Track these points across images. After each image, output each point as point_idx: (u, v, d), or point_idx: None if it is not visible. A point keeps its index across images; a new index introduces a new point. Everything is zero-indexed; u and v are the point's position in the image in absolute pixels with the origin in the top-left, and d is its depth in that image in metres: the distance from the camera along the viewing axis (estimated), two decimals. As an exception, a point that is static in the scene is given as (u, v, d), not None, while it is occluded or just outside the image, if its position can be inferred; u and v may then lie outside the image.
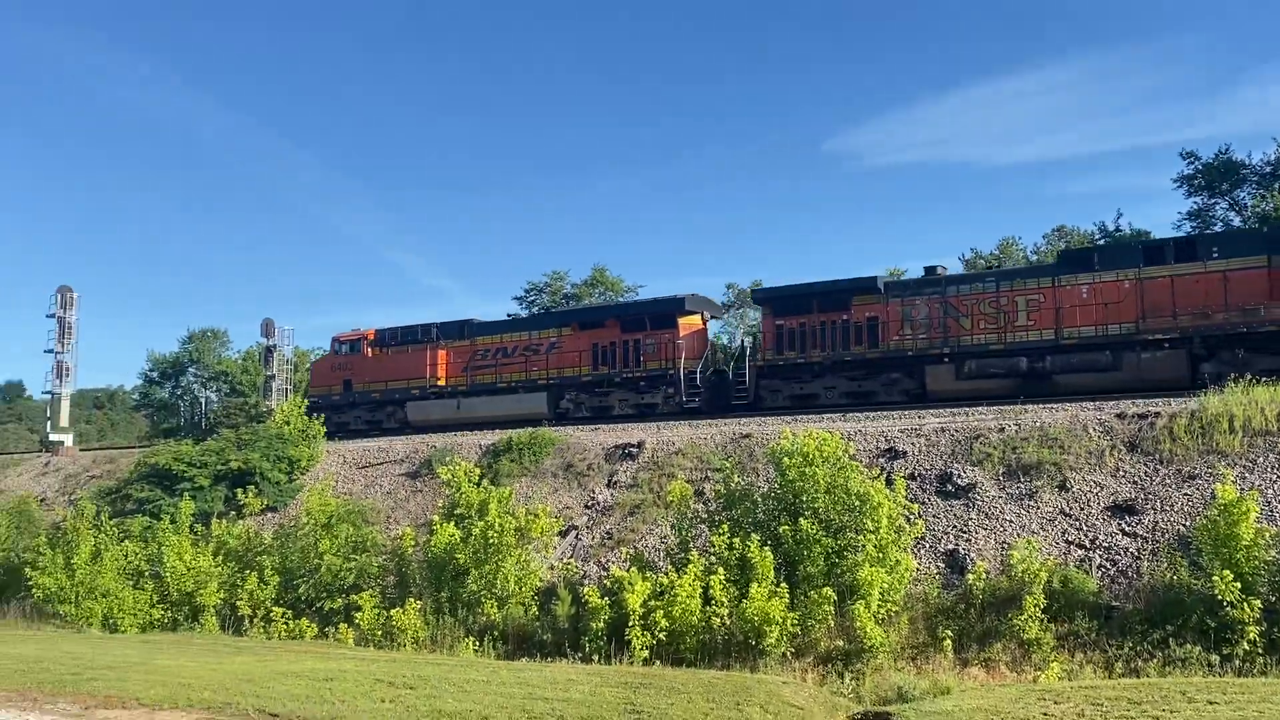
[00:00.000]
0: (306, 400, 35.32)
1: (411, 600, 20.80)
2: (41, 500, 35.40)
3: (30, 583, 25.24)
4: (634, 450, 26.01)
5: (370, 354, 38.39)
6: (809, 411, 27.03)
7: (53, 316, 45.84)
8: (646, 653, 17.37)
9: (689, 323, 32.36)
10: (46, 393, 46.88)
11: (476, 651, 19.20)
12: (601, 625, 18.15)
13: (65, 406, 44.46)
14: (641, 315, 33.15)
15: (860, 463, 19.65)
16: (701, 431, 26.29)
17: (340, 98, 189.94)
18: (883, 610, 17.20)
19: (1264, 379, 20.92)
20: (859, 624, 16.63)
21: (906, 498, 19.01)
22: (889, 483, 19.01)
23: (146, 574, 25.31)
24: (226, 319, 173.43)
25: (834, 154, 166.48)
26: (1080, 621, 16.68)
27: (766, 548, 17.78)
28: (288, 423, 32.39)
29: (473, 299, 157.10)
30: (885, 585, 17.15)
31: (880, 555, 17.45)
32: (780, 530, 18.18)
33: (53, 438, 43.82)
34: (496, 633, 19.99)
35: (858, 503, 17.92)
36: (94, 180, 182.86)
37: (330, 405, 37.68)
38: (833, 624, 17.33)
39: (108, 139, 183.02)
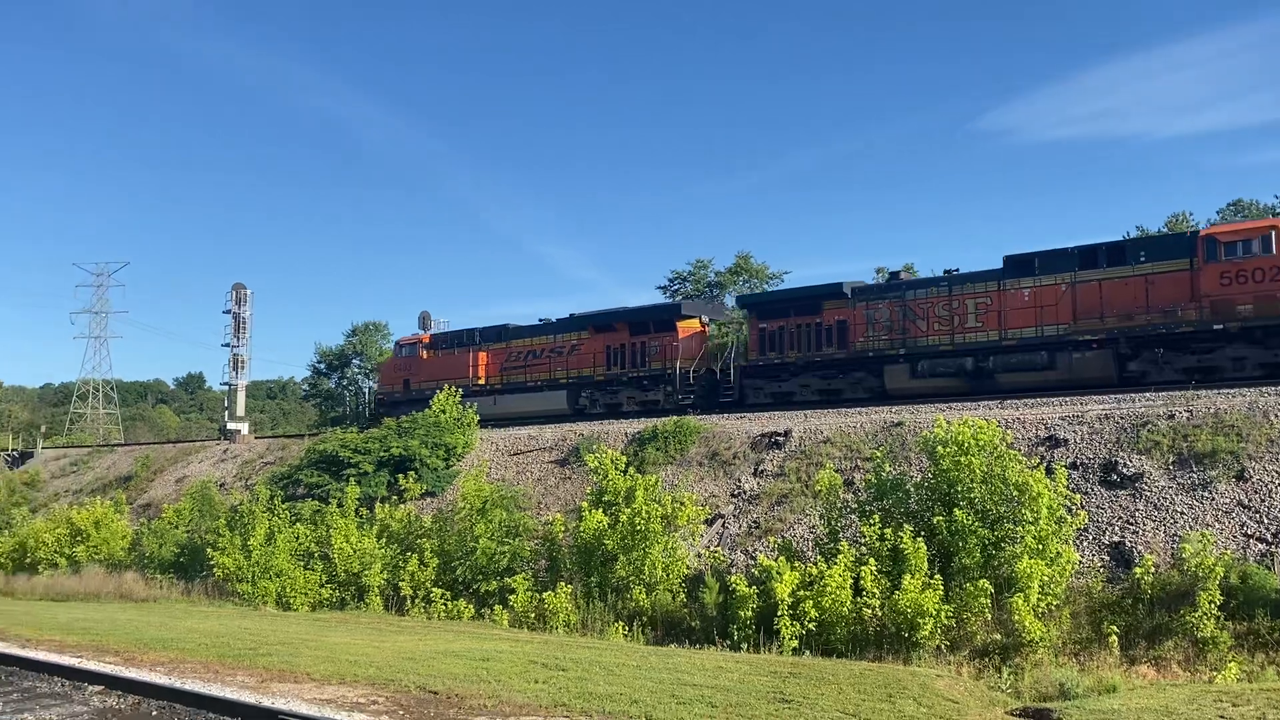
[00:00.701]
0: (376, 397, 38.34)
1: (562, 584, 21.25)
2: (221, 485, 37.74)
3: (211, 562, 26.94)
4: (780, 439, 25.81)
5: (425, 356, 41.69)
6: (936, 400, 27.26)
7: (229, 313, 48.79)
8: (795, 642, 17.24)
9: (687, 326, 34.72)
10: (224, 384, 49.99)
11: (626, 636, 19.45)
12: (749, 614, 18.12)
13: (241, 397, 47.24)
14: (646, 320, 35.41)
15: (1018, 451, 18.97)
16: (850, 420, 25.87)
17: (490, 96, 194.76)
18: (1043, 604, 16.60)
19: (1183, 376, 23.29)
20: (1017, 617, 16.10)
21: (1068, 487, 18.22)
22: (1049, 472, 18.29)
23: (316, 555, 26.64)
24: (387, 313, 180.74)
25: (985, 132, 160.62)
26: (1261, 620, 15.69)
27: (920, 538, 17.40)
28: (443, 411, 33.52)
29: (618, 289, 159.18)
30: (1045, 578, 16.53)
31: (1040, 547, 16.82)
32: (934, 521, 17.76)
33: (230, 426, 46.64)
34: (645, 618, 20.21)
35: (1016, 493, 17.33)
36: (267, 181, 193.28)
37: (392, 402, 41.35)
38: (989, 617, 16.82)
39: (279, 142, 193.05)
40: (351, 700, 11.18)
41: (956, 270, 29.26)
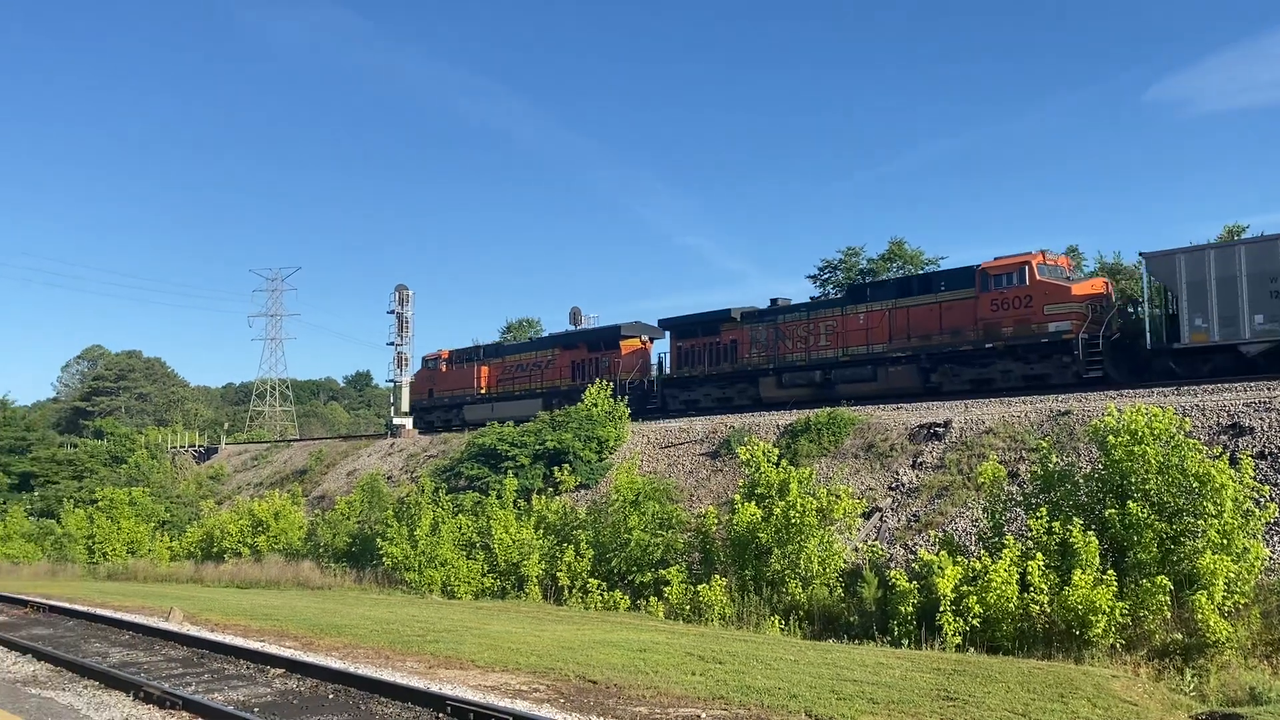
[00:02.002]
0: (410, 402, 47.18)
1: (717, 577, 21.24)
2: (388, 478, 39.37)
3: (381, 552, 28.11)
4: (940, 430, 25.09)
5: (444, 369, 48.10)
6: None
7: (392, 313, 50.77)
8: (959, 639, 16.74)
9: (629, 344, 40.53)
10: (389, 381, 52.05)
11: (783, 630, 19.29)
12: (910, 609, 17.69)
13: (405, 393, 49.06)
14: (598, 340, 41.90)
15: (1198, 440, 17.86)
16: (1014, 409, 24.91)
17: (638, 91, 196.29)
18: (1229, 602, 15.58)
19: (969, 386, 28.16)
20: (1200, 616, 15.18)
21: (1255, 478, 17.05)
22: (1233, 462, 17.16)
23: (477, 545, 27.46)
24: (540, 308, 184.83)
25: (1156, 104, 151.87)
26: None
27: (1090, 532, 16.63)
28: (595, 405, 34.02)
29: (768, 279, 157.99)
30: (1231, 575, 15.51)
31: (1225, 542, 15.81)
32: (1106, 514, 16.94)
33: (395, 421, 48.56)
34: (801, 612, 20.00)
35: (1196, 484, 16.33)
36: (425, 183, 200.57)
37: (421, 408, 48.76)
38: (1169, 615, 15.91)
39: (435, 144, 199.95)
40: (514, 687, 11.47)
41: (831, 292, 34.80)
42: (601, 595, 23.41)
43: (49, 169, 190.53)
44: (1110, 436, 17.42)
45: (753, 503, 21.63)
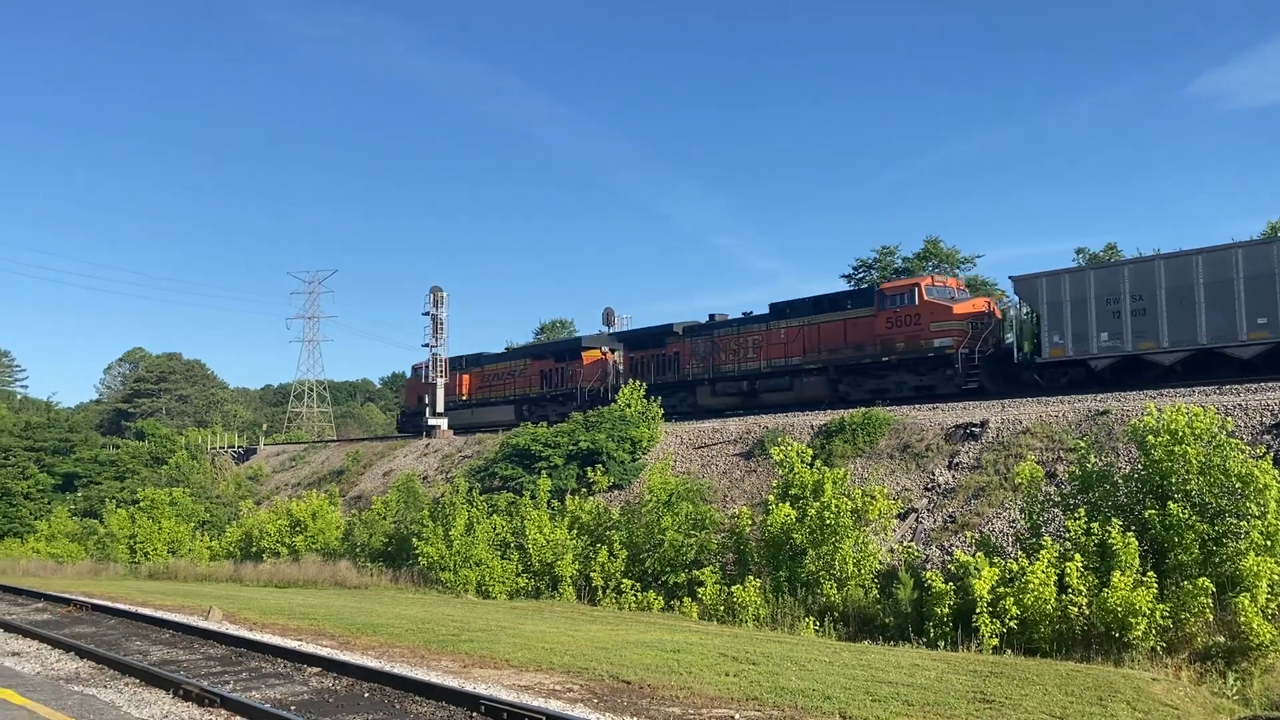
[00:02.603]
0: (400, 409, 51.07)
1: (751, 578, 21.18)
2: (424, 478, 39.63)
3: (417, 551, 28.30)
4: (976, 430, 24.86)
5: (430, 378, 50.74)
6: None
7: (427, 314, 51.09)
8: (996, 641, 16.59)
9: (590, 355, 43.70)
10: (426, 382, 52.34)
11: (818, 632, 19.21)
12: (946, 611, 17.56)
13: (440, 394, 49.36)
14: (563, 351, 45.74)
15: (1240, 440, 17.58)
16: (1051, 409, 24.64)
17: (667, 92, 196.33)
18: (1272, 604, 15.34)
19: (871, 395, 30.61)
20: (1244, 619, 14.94)
21: (1300, 479, 16.73)
22: (1277, 462, 16.88)
23: (512, 545, 27.57)
24: (573, 309, 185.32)
25: (1196, 98, 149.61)
26: None
27: (1130, 533, 16.43)
28: (628, 405, 34.04)
29: (801, 279, 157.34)
30: (1275, 577, 15.29)
31: (1268, 543, 15.57)
32: (1146, 515, 16.73)
33: (430, 422, 48.87)
34: (836, 614, 19.90)
35: (1239, 485, 16.09)
36: (458, 185, 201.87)
37: (410, 413, 52.58)
38: (1211, 618, 15.67)
39: (467, 146, 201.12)
40: (548, 687, 11.50)
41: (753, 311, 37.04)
42: (635, 596, 23.42)
43: (92, 175, 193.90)
44: (1150, 436, 17.20)
45: (787, 503, 21.56)
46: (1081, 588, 16.35)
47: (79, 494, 55.53)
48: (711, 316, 39.12)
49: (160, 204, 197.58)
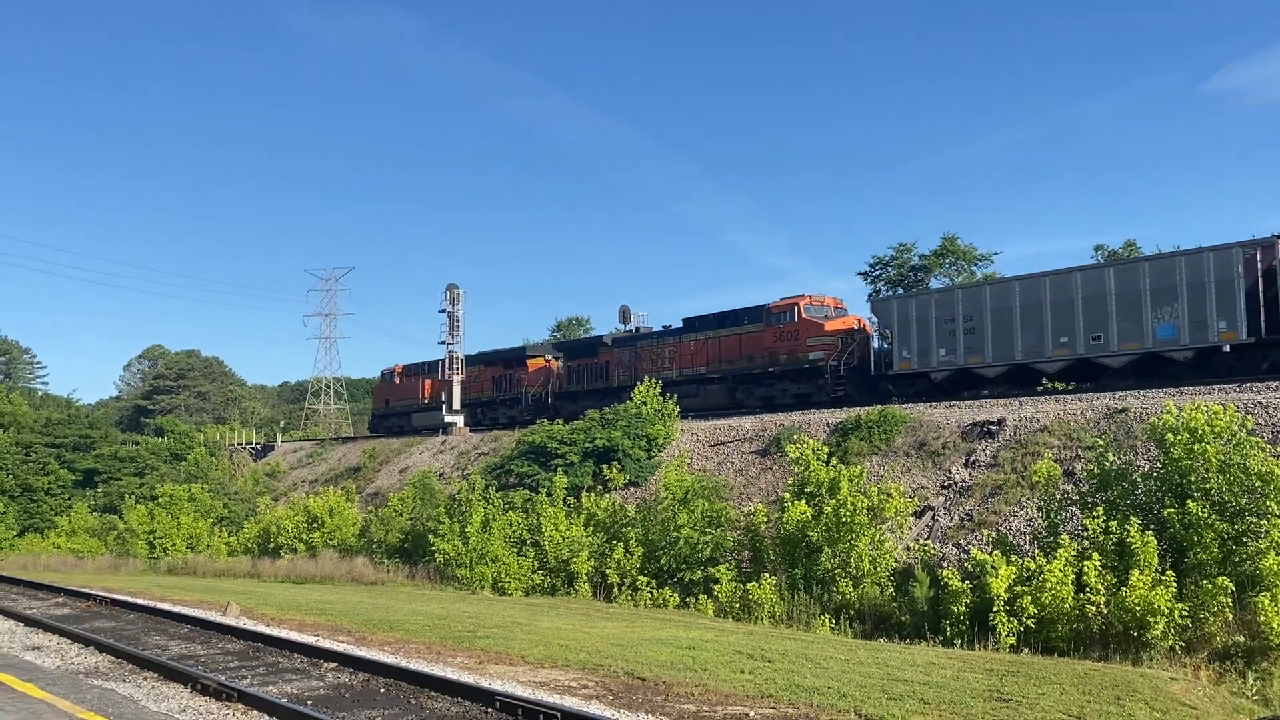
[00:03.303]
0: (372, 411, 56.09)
1: (766, 575, 21.15)
2: (440, 475, 39.73)
3: (433, 548, 28.37)
4: (993, 428, 24.74)
5: (398, 381, 55.28)
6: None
7: (444, 311, 51.20)
8: (1013, 639, 16.51)
9: (534, 363, 47.25)
10: (442, 379, 52.45)
11: (833, 629, 19.16)
12: (963, 609, 17.48)
13: (456, 391, 49.48)
14: (511, 358, 49.32)
15: (1260, 438, 17.43)
16: (1070, 407, 24.50)
17: (680, 87, 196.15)
18: (1294, 604, 15.17)
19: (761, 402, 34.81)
20: (1264, 618, 14.82)
21: (1322, 478, 16.57)
22: (1298, 461, 16.69)
23: (528, 542, 27.61)
24: (589, 306, 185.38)
25: (1216, 94, 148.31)
26: None
27: (1149, 532, 16.32)
28: (644, 403, 34.03)
29: (816, 276, 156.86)
30: (1297, 576, 15.11)
31: (1289, 543, 15.40)
32: (1165, 513, 16.62)
33: (447, 420, 49.00)
34: (852, 611, 19.84)
35: (1259, 483, 15.96)
36: (473, 181, 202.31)
37: (380, 415, 56.29)
38: (1231, 617, 15.56)
39: (482, 143, 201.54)
40: (563, 684, 11.52)
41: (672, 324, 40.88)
42: (651, 593, 23.42)
43: (111, 173, 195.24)
44: (1169, 435, 17.08)
45: (803, 501, 21.51)
46: (1099, 586, 16.26)
47: (99, 490, 55.97)
48: (636, 329, 43.59)
49: (179, 202, 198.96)
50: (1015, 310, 28.19)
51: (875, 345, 33.33)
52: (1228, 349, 24.80)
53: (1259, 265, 24.37)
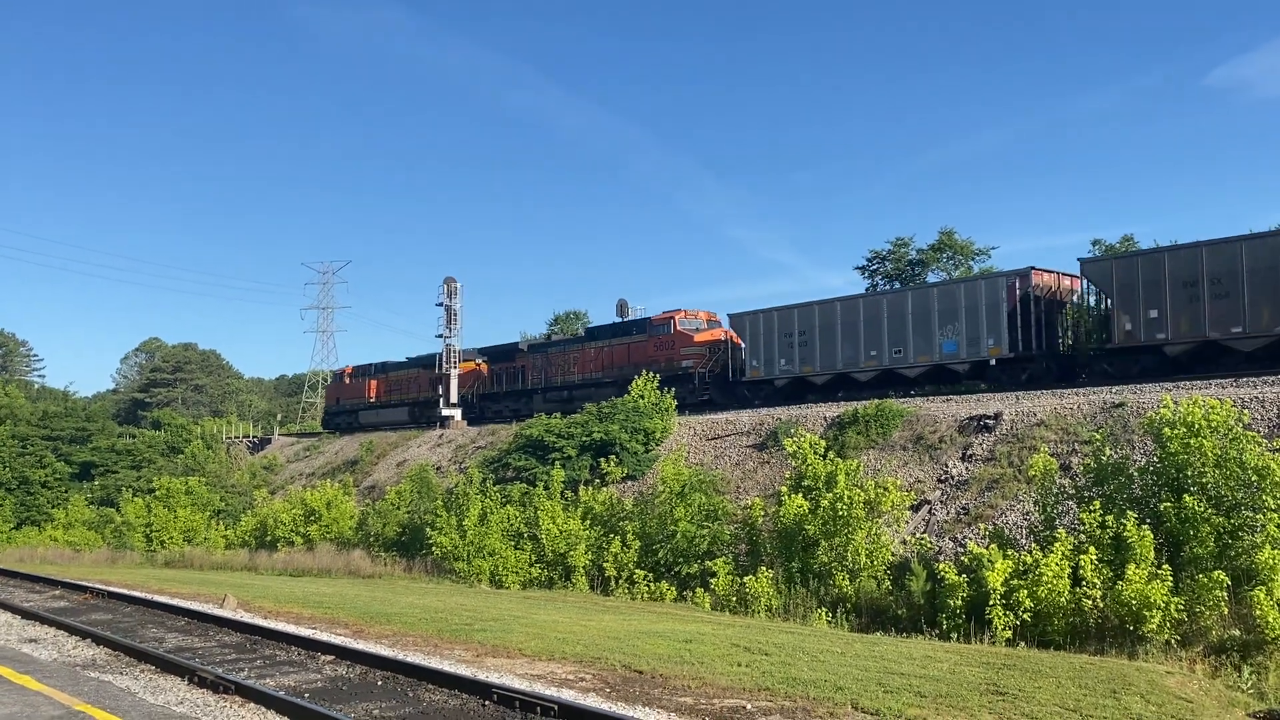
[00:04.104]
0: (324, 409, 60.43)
1: (763, 569, 21.18)
2: (437, 469, 39.75)
3: (430, 541, 28.40)
4: (990, 422, 24.78)
5: (347, 381, 58.88)
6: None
7: (441, 305, 51.17)
8: (1009, 633, 16.56)
9: (465, 366, 50.20)
10: (439, 373, 52.43)
11: (830, 623, 19.20)
12: (959, 603, 17.53)
13: (454, 384, 49.48)
14: (440, 361, 51.70)
15: (1257, 433, 17.47)
16: (1066, 401, 24.53)
17: (679, 81, 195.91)
18: (1289, 599, 15.23)
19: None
20: (1259, 612, 14.88)
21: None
22: (1295, 455, 16.73)
23: (525, 536, 27.65)
24: (588, 300, 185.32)
25: (1216, 89, 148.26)
26: None
27: (1145, 526, 16.36)
28: (642, 396, 34.05)
29: (815, 270, 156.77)
30: (1292, 571, 15.15)
31: (1285, 537, 15.45)
32: (1161, 508, 16.66)
33: (444, 413, 49.00)
34: (849, 605, 19.89)
35: (1255, 478, 16.01)
36: (471, 174, 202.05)
37: (332, 412, 59.77)
38: (1226, 611, 15.61)
39: (480, 135, 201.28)
40: (560, 677, 11.53)
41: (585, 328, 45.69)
42: (648, 586, 23.46)
43: (107, 165, 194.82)
44: (1166, 429, 17.12)
45: (799, 494, 21.54)
46: (1096, 580, 16.30)
47: (96, 483, 55.93)
48: (548, 336, 48.44)
49: (176, 194, 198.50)
50: (837, 327, 32.71)
51: (729, 353, 37.57)
52: (994, 362, 29.13)
53: (1016, 292, 28.80)
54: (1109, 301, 27.64)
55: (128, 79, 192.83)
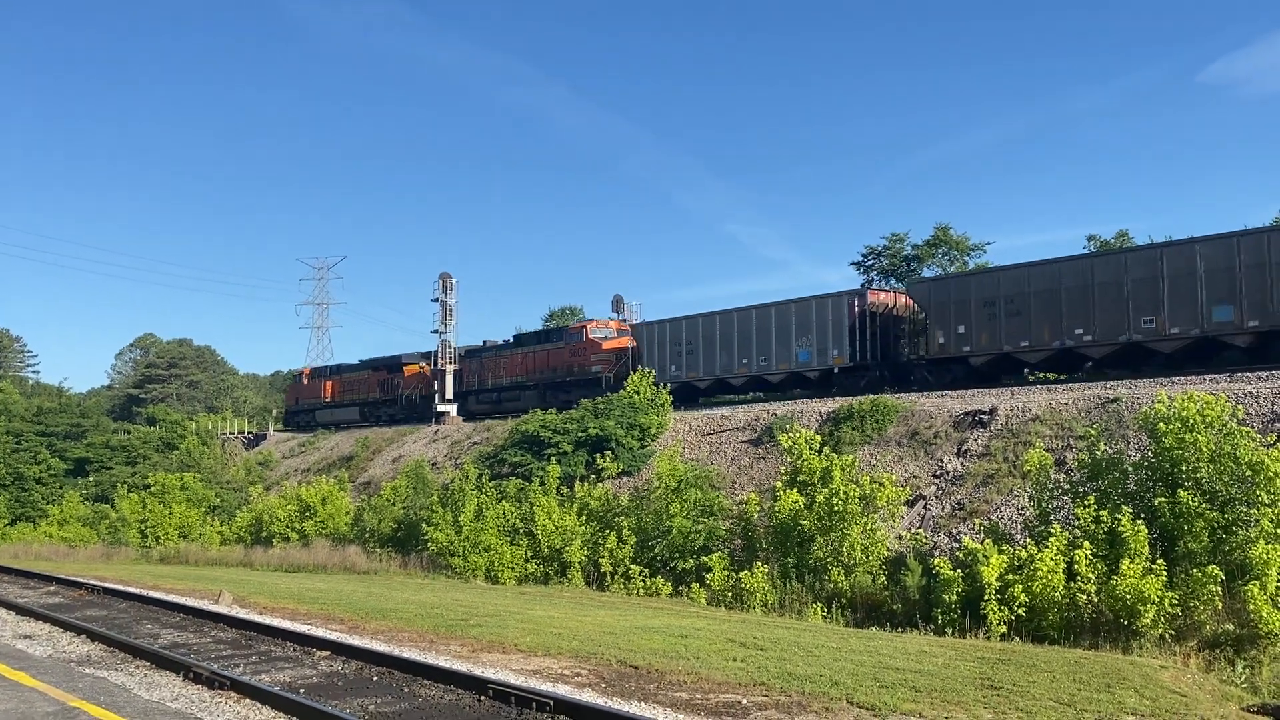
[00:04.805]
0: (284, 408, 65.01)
1: (759, 564, 21.20)
2: (433, 464, 39.72)
3: (426, 537, 28.37)
4: (985, 417, 24.81)
5: (305, 382, 62.48)
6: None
7: (436, 300, 51.13)
8: (1004, 628, 16.59)
9: (410, 369, 53.55)
10: (435, 369, 52.39)
11: (825, 618, 19.22)
12: (954, 598, 17.55)
13: (449, 380, 49.46)
14: (393, 364, 55.27)
15: (1251, 428, 17.51)
16: (1061, 396, 24.58)
17: (676, 78, 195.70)
18: (1283, 593, 15.27)
19: (567, 406, 37.96)
20: (1253, 607, 14.91)
21: (1311, 467, 16.66)
22: (1288, 450, 16.77)
23: (521, 531, 27.63)
24: (583, 296, 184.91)
25: (1211, 85, 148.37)
26: None
27: (1139, 521, 16.38)
28: (637, 392, 34.04)
29: (811, 266, 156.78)
30: (1286, 565, 15.19)
31: (1278, 531, 15.49)
32: (1156, 502, 16.69)
33: (439, 409, 48.99)
34: (844, 600, 19.91)
35: (1249, 473, 16.03)
36: (468, 170, 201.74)
37: (290, 411, 63.76)
38: (1220, 606, 15.64)
39: (477, 131, 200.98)
40: (556, 672, 11.54)
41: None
42: (643, 581, 23.46)
43: (103, 161, 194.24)
44: (1161, 424, 17.15)
45: (795, 490, 21.55)
46: (1090, 575, 16.33)
47: (91, 479, 55.84)
48: (484, 342, 51.16)
49: (171, 190, 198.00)
50: (716, 338, 36.67)
51: (631, 360, 40.57)
52: (838, 370, 32.60)
53: (856, 309, 32.49)
54: (927, 318, 31.53)
55: (121, 75, 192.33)
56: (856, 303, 32.53)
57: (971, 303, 29.80)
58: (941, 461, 24.30)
